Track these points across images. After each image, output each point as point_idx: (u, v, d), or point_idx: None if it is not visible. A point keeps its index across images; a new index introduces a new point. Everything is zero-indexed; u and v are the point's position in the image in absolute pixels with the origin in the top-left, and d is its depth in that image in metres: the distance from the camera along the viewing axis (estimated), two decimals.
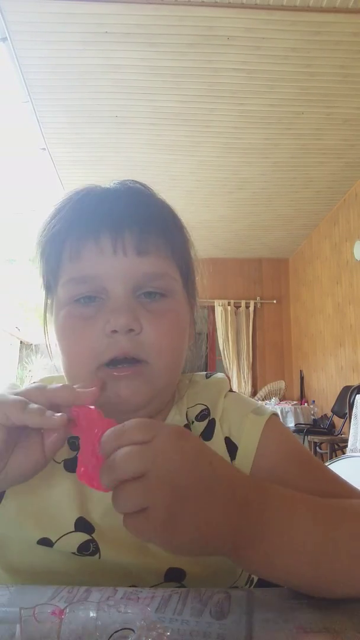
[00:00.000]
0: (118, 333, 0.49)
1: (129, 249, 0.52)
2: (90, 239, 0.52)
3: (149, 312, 0.52)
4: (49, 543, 0.52)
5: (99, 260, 0.51)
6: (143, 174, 4.51)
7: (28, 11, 2.79)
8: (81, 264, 0.52)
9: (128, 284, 0.51)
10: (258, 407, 0.61)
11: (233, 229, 5.96)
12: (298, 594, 0.43)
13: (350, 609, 0.40)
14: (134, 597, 0.42)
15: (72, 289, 0.52)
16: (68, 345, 0.53)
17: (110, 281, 0.51)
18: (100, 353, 0.50)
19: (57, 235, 0.54)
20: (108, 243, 0.51)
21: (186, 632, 0.36)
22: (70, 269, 0.53)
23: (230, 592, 0.43)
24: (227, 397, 0.63)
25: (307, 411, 5.69)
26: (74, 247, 0.52)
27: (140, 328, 0.50)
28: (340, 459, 1.94)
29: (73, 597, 0.42)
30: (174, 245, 0.56)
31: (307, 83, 3.37)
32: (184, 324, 0.57)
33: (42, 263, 0.57)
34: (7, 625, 0.37)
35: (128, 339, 0.50)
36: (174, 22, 2.86)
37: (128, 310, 0.50)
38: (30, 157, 4.30)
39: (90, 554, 0.52)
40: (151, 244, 0.53)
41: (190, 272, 0.60)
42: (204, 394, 0.63)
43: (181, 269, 0.57)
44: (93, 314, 0.51)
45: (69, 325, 0.53)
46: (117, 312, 0.50)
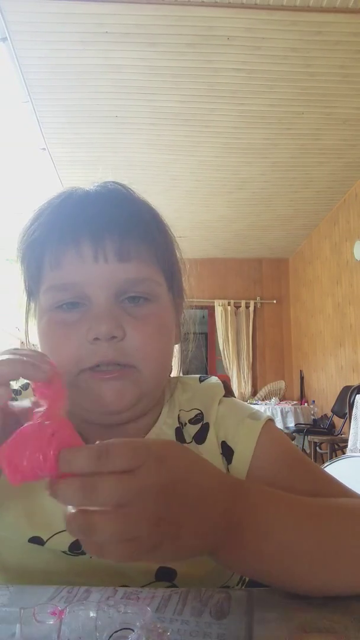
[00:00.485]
0: (100, 340, 0.49)
1: (109, 255, 0.51)
2: (70, 246, 0.51)
3: (132, 318, 0.51)
4: (40, 542, 0.52)
5: (80, 267, 0.51)
6: (143, 174, 4.52)
7: (28, 11, 2.79)
8: (62, 272, 0.51)
9: (110, 290, 0.51)
10: (254, 412, 0.61)
11: (233, 229, 5.96)
12: (298, 594, 0.43)
13: (350, 609, 0.40)
14: (134, 597, 0.42)
15: (53, 296, 0.52)
16: (50, 352, 0.52)
17: (91, 288, 0.51)
18: (83, 359, 0.50)
19: (37, 241, 0.53)
20: (88, 250, 0.51)
21: (186, 632, 0.36)
22: (51, 276, 0.52)
23: (230, 592, 0.43)
24: (223, 403, 0.62)
25: (307, 411, 5.69)
26: (53, 254, 0.52)
27: (124, 334, 0.50)
28: (340, 459, 1.94)
29: (73, 597, 0.42)
30: (157, 248, 0.55)
31: (307, 83, 3.37)
32: (168, 327, 0.56)
33: (23, 269, 0.56)
34: (7, 625, 0.37)
35: (111, 346, 0.49)
36: (174, 22, 2.86)
37: (110, 318, 0.49)
38: (30, 157, 4.30)
39: (82, 552, 0.52)
40: (132, 249, 0.52)
41: (175, 273, 0.59)
42: (198, 399, 0.63)
43: (165, 272, 0.56)
44: (75, 321, 0.51)
45: (51, 332, 0.52)
46: (98, 320, 0.49)
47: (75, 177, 4.57)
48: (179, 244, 0.62)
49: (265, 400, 6.29)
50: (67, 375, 0.51)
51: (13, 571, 0.53)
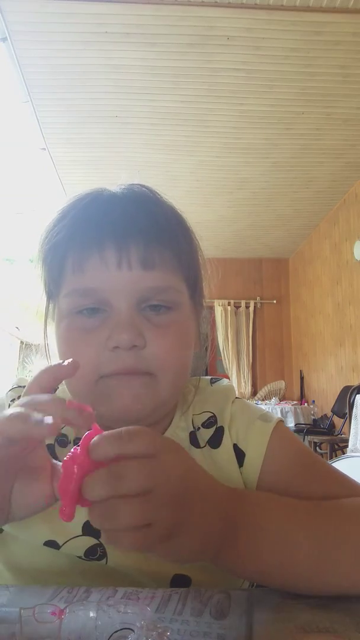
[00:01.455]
0: (120, 349, 0.49)
1: (133, 263, 0.50)
2: (94, 251, 0.50)
3: (153, 326, 0.51)
4: (56, 545, 0.52)
5: (103, 273, 0.50)
6: (143, 174, 4.51)
7: (28, 11, 2.79)
8: (84, 277, 0.50)
9: (132, 298, 0.50)
10: (264, 414, 0.61)
11: (233, 229, 5.96)
12: (298, 594, 0.43)
13: (350, 609, 0.41)
14: (134, 597, 0.42)
15: (74, 301, 0.51)
16: (68, 357, 0.52)
17: (114, 295, 0.50)
18: (101, 366, 0.50)
19: (60, 244, 0.52)
20: (112, 256, 0.50)
21: (186, 632, 0.36)
22: (72, 280, 0.51)
23: (230, 592, 0.43)
24: (234, 403, 0.62)
25: (307, 411, 5.69)
26: (76, 259, 0.51)
27: (144, 343, 0.49)
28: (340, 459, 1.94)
29: (73, 597, 0.42)
30: (181, 256, 0.54)
31: (307, 83, 3.37)
32: (189, 336, 0.56)
33: (44, 270, 0.55)
34: (7, 625, 0.37)
35: (131, 355, 0.49)
36: (174, 22, 2.86)
37: (131, 326, 0.49)
38: (30, 157, 4.30)
39: (97, 558, 0.51)
40: (157, 256, 0.51)
41: (197, 281, 0.59)
42: (211, 401, 0.62)
43: (188, 280, 0.56)
44: (95, 327, 0.50)
45: (70, 337, 0.52)
46: (119, 328, 0.48)
47: (75, 177, 4.57)
48: (202, 250, 0.61)
49: (265, 400, 6.29)
50: (86, 382, 0.51)
51: (25, 572, 0.53)
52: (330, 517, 0.46)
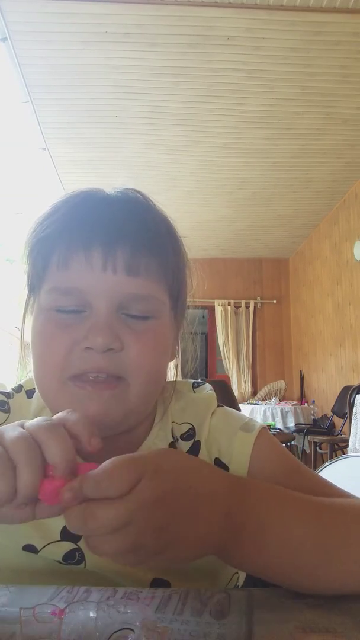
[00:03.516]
0: (93, 350, 0.48)
1: (119, 267, 0.50)
2: (80, 250, 0.50)
3: (132, 331, 0.50)
4: (34, 550, 0.52)
5: (87, 274, 0.50)
6: (143, 174, 4.52)
7: (28, 11, 2.79)
8: (68, 275, 0.50)
9: (113, 301, 0.50)
10: (246, 423, 0.60)
11: (233, 229, 5.96)
12: (298, 594, 0.43)
13: (350, 609, 0.41)
14: (134, 597, 0.42)
15: (55, 299, 0.51)
16: (41, 352, 0.51)
17: (95, 297, 0.50)
18: (72, 365, 0.49)
19: (47, 239, 0.52)
20: (99, 258, 0.50)
21: (186, 632, 0.36)
22: (56, 277, 0.51)
23: (230, 592, 0.43)
24: (215, 415, 0.61)
25: (307, 411, 5.69)
26: (62, 256, 0.50)
27: (122, 346, 0.49)
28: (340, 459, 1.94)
29: (73, 597, 0.42)
30: (167, 266, 0.54)
31: (307, 83, 3.37)
32: (166, 345, 0.55)
33: (29, 264, 0.55)
34: (7, 625, 0.37)
35: (105, 357, 0.48)
36: (174, 22, 2.86)
37: (108, 329, 0.48)
38: (30, 157, 4.29)
39: (76, 562, 0.52)
40: (142, 264, 0.51)
41: (180, 292, 0.58)
42: (191, 411, 0.62)
43: (171, 290, 0.55)
44: (71, 324, 0.50)
45: (45, 332, 0.51)
46: (96, 330, 0.48)
47: (75, 177, 4.57)
48: (189, 261, 0.61)
49: (265, 400, 6.29)
50: (53, 382, 0.50)
51: (6, 575, 0.53)
52: (333, 514, 0.46)
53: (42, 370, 0.52)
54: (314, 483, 0.56)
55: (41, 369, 0.52)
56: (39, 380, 0.53)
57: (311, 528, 0.43)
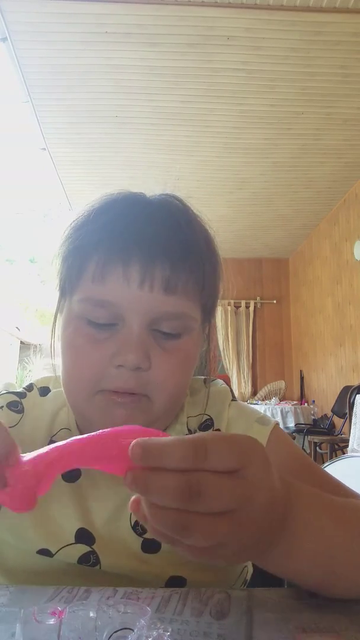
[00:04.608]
0: (124, 367, 0.48)
1: (156, 285, 0.49)
2: (118, 265, 0.49)
3: (161, 349, 0.50)
4: (49, 554, 0.52)
5: (123, 289, 0.49)
6: (143, 174, 4.52)
7: (28, 11, 2.79)
8: (104, 288, 0.49)
9: (146, 318, 0.49)
10: (261, 417, 0.61)
11: (233, 229, 5.96)
12: (298, 594, 0.43)
13: (350, 609, 0.41)
14: (134, 597, 0.42)
15: (88, 309, 0.50)
16: (72, 364, 0.51)
17: (129, 312, 0.49)
18: (103, 381, 0.49)
19: (85, 248, 0.51)
20: (136, 274, 0.49)
21: (186, 632, 0.36)
22: (91, 288, 0.50)
23: (230, 592, 0.43)
24: (231, 407, 0.62)
25: (307, 411, 5.68)
26: (99, 268, 0.49)
27: (149, 365, 0.49)
28: (340, 459, 1.94)
29: (73, 597, 0.42)
30: (204, 282, 0.54)
31: (307, 83, 3.37)
32: (193, 361, 0.55)
33: (63, 268, 0.54)
34: (7, 625, 0.37)
35: (133, 376, 0.48)
36: (174, 22, 2.86)
37: (139, 347, 0.48)
38: (30, 157, 4.30)
39: (91, 565, 0.52)
40: (180, 282, 0.50)
41: (214, 306, 0.59)
42: (208, 403, 0.62)
43: (204, 306, 0.55)
44: (103, 339, 0.50)
45: (76, 344, 0.51)
46: (128, 347, 0.48)
47: (75, 177, 4.57)
48: (223, 270, 0.60)
49: (265, 400, 6.29)
50: (85, 393, 0.50)
51: (19, 576, 0.53)
52: (357, 516, 0.44)
53: (72, 382, 0.52)
54: (325, 481, 0.56)
55: (71, 381, 0.52)
56: (68, 389, 0.53)
57: (341, 532, 0.42)
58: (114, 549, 0.52)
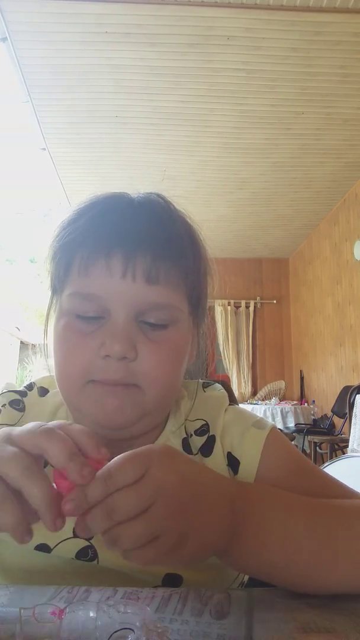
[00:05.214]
0: (111, 358, 0.49)
1: (138, 276, 0.51)
2: (101, 257, 0.51)
3: (148, 340, 0.51)
4: (47, 549, 0.52)
5: (107, 281, 0.51)
6: (143, 174, 4.52)
7: (28, 11, 2.79)
8: (88, 281, 0.51)
9: (131, 309, 0.51)
10: (258, 421, 0.61)
11: (233, 229, 5.96)
12: (298, 594, 0.43)
13: (350, 609, 0.41)
14: (134, 597, 0.42)
15: (76, 303, 0.52)
16: (62, 358, 0.53)
17: (114, 304, 0.51)
18: (91, 372, 0.50)
19: (70, 244, 0.53)
20: (118, 265, 0.50)
21: (186, 632, 0.36)
22: (77, 282, 0.52)
23: (230, 592, 0.43)
24: (227, 412, 0.62)
25: (307, 411, 5.68)
26: (83, 262, 0.51)
27: (135, 355, 0.50)
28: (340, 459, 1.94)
29: (73, 597, 0.42)
30: (188, 274, 0.55)
31: (307, 83, 3.37)
32: (182, 352, 0.56)
33: (52, 267, 0.56)
34: (7, 625, 0.37)
35: (120, 366, 0.49)
36: (174, 22, 2.86)
37: (125, 338, 0.49)
38: (30, 157, 4.30)
39: (89, 559, 0.52)
40: (162, 272, 0.51)
41: (201, 297, 0.59)
42: (204, 409, 0.63)
43: (190, 297, 0.56)
44: (91, 331, 0.51)
45: (65, 338, 0.52)
46: (113, 338, 0.49)
47: (75, 177, 4.57)
48: (210, 261, 0.61)
49: (265, 401, 6.29)
50: (74, 384, 0.51)
51: (17, 573, 0.53)
52: (332, 515, 0.47)
53: (63, 375, 0.53)
54: (324, 483, 0.56)
55: (62, 374, 0.53)
56: (60, 382, 0.54)
57: (310, 529, 0.44)
58: None
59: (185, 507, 0.37)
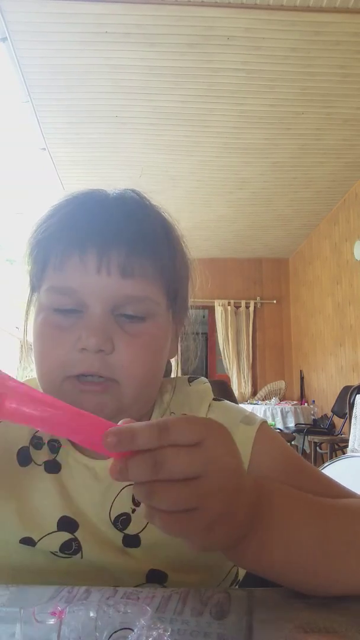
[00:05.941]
0: (87, 351, 0.49)
1: (113, 269, 0.51)
2: (75, 252, 0.51)
3: (124, 333, 0.51)
4: (32, 542, 0.52)
5: (82, 275, 0.51)
6: (143, 174, 4.52)
7: (28, 11, 2.79)
8: (64, 275, 0.52)
9: (107, 303, 0.51)
10: (246, 416, 0.60)
11: (233, 229, 5.96)
12: (298, 594, 0.43)
13: (350, 609, 0.41)
14: (134, 597, 0.42)
15: (53, 298, 0.52)
16: (40, 353, 0.53)
17: (90, 298, 0.51)
18: (69, 366, 0.50)
19: (46, 240, 0.54)
20: (93, 260, 0.51)
21: (186, 632, 0.36)
22: (53, 277, 0.52)
23: (230, 592, 0.43)
24: (212, 408, 0.61)
25: (307, 411, 5.69)
26: (58, 258, 0.52)
27: (112, 349, 0.50)
28: (340, 459, 1.94)
29: (73, 597, 0.42)
30: (163, 267, 0.55)
31: (307, 83, 3.37)
32: (160, 346, 0.56)
33: (30, 263, 0.57)
34: (7, 625, 0.37)
35: (97, 358, 0.50)
36: (174, 22, 2.86)
37: (101, 331, 0.50)
38: (30, 157, 4.30)
39: (73, 552, 0.52)
40: (137, 265, 0.52)
41: (179, 290, 0.58)
42: (187, 403, 0.62)
43: (167, 290, 0.56)
44: (68, 326, 0.51)
45: (44, 333, 0.53)
46: (89, 331, 0.49)
47: (75, 177, 4.57)
48: (191, 257, 0.61)
49: (265, 401, 6.29)
50: (53, 381, 0.52)
51: (4, 571, 0.53)
52: (337, 515, 0.46)
53: (42, 369, 0.53)
54: (317, 480, 0.56)
55: (41, 369, 0.53)
56: (40, 378, 0.54)
57: (315, 529, 0.43)
58: (95, 538, 0.53)
59: (229, 492, 0.36)
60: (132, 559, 0.52)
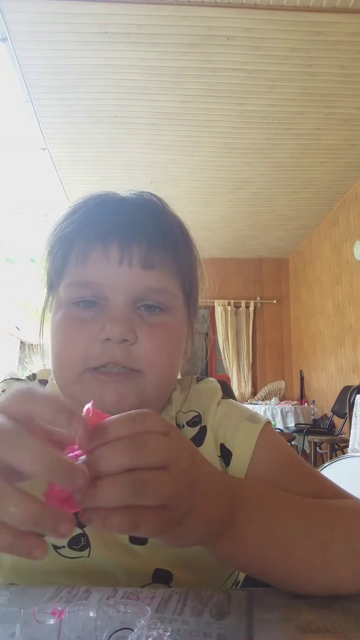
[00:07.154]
0: (111, 341, 0.50)
1: (134, 261, 0.52)
2: (98, 245, 0.52)
3: (145, 324, 0.52)
4: (40, 537, 0.52)
5: (104, 268, 0.52)
6: (143, 174, 4.52)
7: (28, 11, 2.79)
8: (86, 269, 0.52)
9: (129, 295, 0.52)
10: (252, 415, 0.62)
11: (233, 229, 5.96)
12: (298, 594, 0.43)
13: (350, 608, 0.41)
14: (134, 597, 0.42)
15: (73, 292, 0.53)
16: (60, 345, 0.53)
17: (111, 290, 0.52)
18: (91, 358, 0.51)
19: (67, 237, 0.54)
20: (115, 252, 0.52)
21: (186, 632, 0.36)
22: (74, 271, 0.53)
23: (230, 592, 0.44)
24: (221, 404, 0.63)
25: (307, 411, 5.69)
26: (81, 251, 0.53)
27: (135, 339, 0.51)
28: (340, 459, 1.94)
29: (73, 597, 0.42)
30: (180, 263, 0.56)
31: (307, 83, 3.37)
32: (179, 340, 0.57)
33: (49, 261, 0.57)
34: (7, 625, 0.37)
35: (121, 348, 0.50)
36: (174, 22, 2.86)
37: (124, 321, 0.50)
38: (30, 157, 4.30)
39: (81, 548, 0.52)
40: (157, 258, 0.53)
41: (193, 289, 0.60)
42: (196, 400, 0.63)
43: (184, 287, 0.57)
44: (90, 318, 0.52)
45: (64, 326, 0.53)
46: (113, 321, 0.50)
47: (75, 177, 4.57)
48: (201, 263, 0.63)
49: (265, 401, 6.29)
50: (72, 373, 0.52)
51: (7, 570, 0.53)
52: (324, 515, 0.47)
53: (61, 362, 0.53)
54: (312, 481, 0.56)
55: (60, 361, 0.53)
56: (57, 371, 0.54)
57: (295, 527, 0.44)
58: (103, 534, 0.53)
59: (195, 482, 0.37)
60: (138, 557, 0.53)
